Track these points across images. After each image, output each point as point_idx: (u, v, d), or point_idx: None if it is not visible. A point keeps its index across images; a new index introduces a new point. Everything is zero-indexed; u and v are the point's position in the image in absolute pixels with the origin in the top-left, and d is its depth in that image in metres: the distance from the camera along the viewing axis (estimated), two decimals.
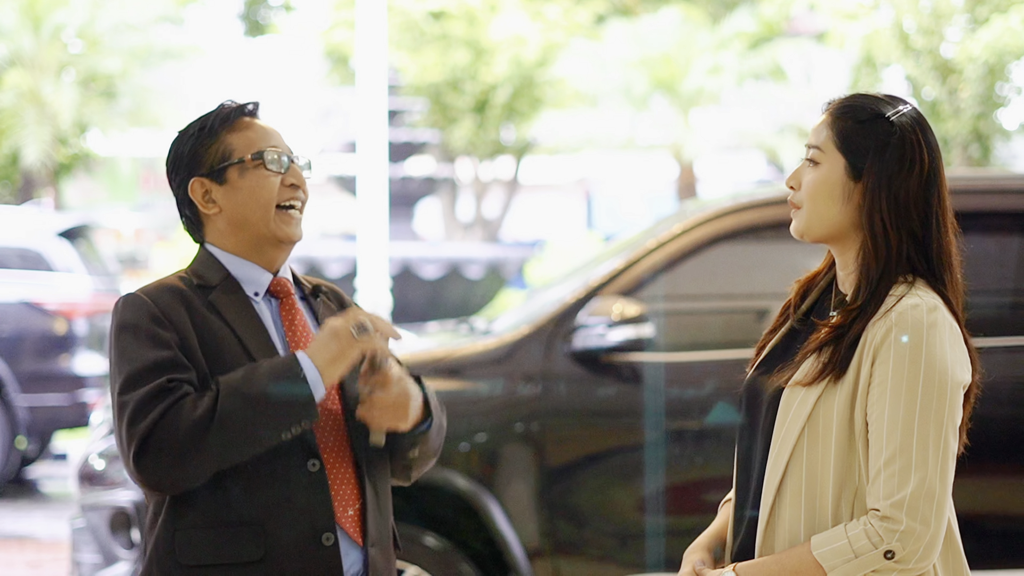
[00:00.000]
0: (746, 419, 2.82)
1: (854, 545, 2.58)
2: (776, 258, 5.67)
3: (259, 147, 2.95)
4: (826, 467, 2.65)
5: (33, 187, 20.29)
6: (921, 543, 2.57)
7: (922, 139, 2.72)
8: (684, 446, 5.46)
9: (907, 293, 2.67)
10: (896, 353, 2.62)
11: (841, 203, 2.72)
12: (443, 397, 5.49)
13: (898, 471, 2.58)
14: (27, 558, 9.13)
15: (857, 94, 2.79)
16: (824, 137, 2.75)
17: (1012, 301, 5.51)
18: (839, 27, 18.50)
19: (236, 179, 2.95)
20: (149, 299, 2.89)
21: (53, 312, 11.62)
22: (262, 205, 2.95)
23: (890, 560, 2.58)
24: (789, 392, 2.70)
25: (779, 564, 2.64)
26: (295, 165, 2.98)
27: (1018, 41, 17.00)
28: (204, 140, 2.96)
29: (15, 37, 20.33)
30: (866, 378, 2.65)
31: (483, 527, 5.40)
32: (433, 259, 16.09)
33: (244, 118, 2.99)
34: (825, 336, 2.69)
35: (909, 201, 2.70)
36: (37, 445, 12.48)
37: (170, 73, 22.59)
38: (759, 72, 23.28)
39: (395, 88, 20.06)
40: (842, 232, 2.74)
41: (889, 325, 2.63)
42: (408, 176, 18.50)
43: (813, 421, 2.66)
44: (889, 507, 2.58)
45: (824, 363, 2.67)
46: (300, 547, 2.85)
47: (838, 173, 2.73)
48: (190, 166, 2.97)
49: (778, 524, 2.68)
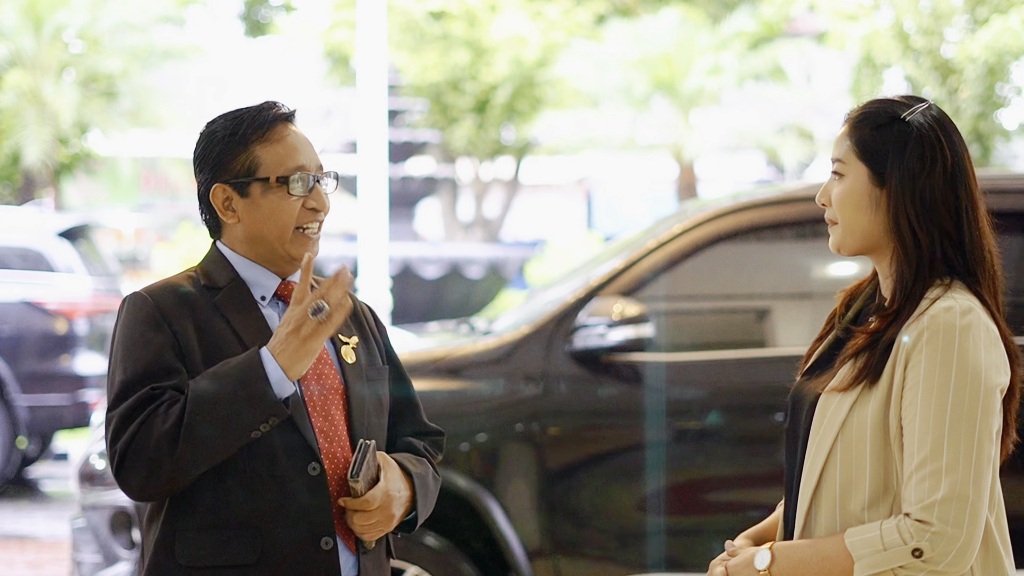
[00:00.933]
0: (791, 425, 2.83)
1: (885, 539, 2.58)
2: (776, 258, 5.67)
3: (286, 167, 2.91)
4: (861, 472, 2.65)
5: (34, 187, 20.29)
6: (953, 547, 2.56)
7: (942, 136, 2.70)
8: (684, 446, 5.46)
9: (942, 296, 2.66)
10: (928, 356, 2.61)
11: (870, 212, 2.71)
12: (443, 397, 5.52)
13: (929, 475, 2.57)
14: (28, 558, 9.14)
15: (873, 100, 2.77)
16: (845, 148, 2.74)
17: (1012, 301, 5.51)
18: (839, 27, 18.50)
19: (258, 196, 2.92)
20: (151, 299, 2.88)
21: (54, 312, 11.62)
22: (280, 226, 2.92)
23: (918, 559, 2.57)
24: (825, 398, 2.70)
25: (813, 548, 2.65)
26: (319, 186, 2.95)
27: (1018, 41, 17.00)
28: (233, 148, 2.92)
29: (16, 37, 20.33)
30: (899, 382, 2.64)
31: (483, 527, 5.40)
32: (433, 259, 16.09)
33: (277, 128, 2.93)
34: (862, 342, 2.69)
35: (936, 199, 2.68)
36: (38, 445, 12.49)
37: (171, 73, 22.59)
38: (759, 72, 23.27)
39: (395, 88, 20.08)
40: (876, 241, 2.73)
41: (921, 328, 2.62)
42: (408, 176, 18.51)
43: (847, 427, 2.66)
44: (920, 511, 2.57)
45: (859, 369, 2.67)
46: (298, 550, 2.84)
47: (862, 182, 2.71)
48: (215, 170, 2.93)
49: (814, 530, 2.70)
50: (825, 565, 2.63)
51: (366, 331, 3.09)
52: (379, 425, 3.02)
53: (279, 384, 2.78)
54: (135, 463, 2.78)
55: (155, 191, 34.39)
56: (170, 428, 2.75)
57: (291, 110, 2.97)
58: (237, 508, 2.83)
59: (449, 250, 17.97)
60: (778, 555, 2.68)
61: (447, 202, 25.96)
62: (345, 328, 3.03)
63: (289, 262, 2.96)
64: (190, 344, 2.85)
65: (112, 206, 32.29)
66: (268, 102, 2.97)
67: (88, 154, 21.67)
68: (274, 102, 2.97)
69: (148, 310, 2.87)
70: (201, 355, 2.86)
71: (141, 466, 2.77)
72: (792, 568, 2.66)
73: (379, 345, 3.11)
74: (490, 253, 17.32)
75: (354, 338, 3.03)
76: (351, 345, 3.01)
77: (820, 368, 2.79)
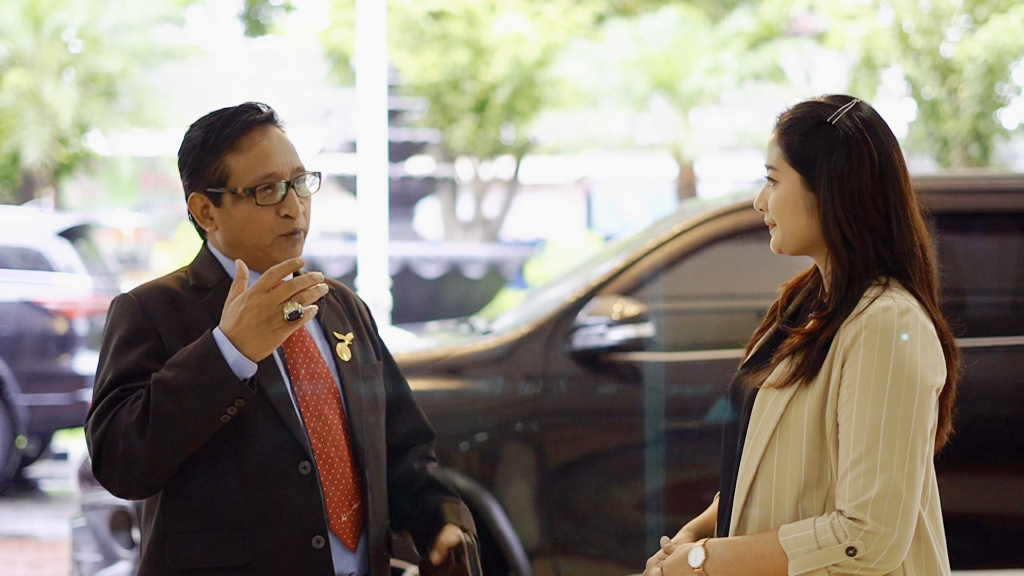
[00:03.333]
0: (731, 417, 2.86)
1: (819, 537, 2.61)
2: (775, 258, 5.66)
3: (254, 176, 2.86)
4: (796, 468, 2.68)
5: (33, 187, 20.29)
6: (885, 545, 2.59)
7: (868, 135, 2.72)
8: (684, 445, 5.46)
9: (880, 295, 2.68)
10: (865, 356, 2.63)
11: (806, 216, 2.74)
12: (443, 396, 5.52)
13: (863, 473, 2.60)
14: (27, 558, 9.14)
15: (800, 104, 2.80)
16: (776, 155, 2.77)
17: (1012, 301, 5.51)
18: (839, 27, 18.51)
19: (230, 206, 2.88)
20: (138, 301, 2.87)
21: (53, 312, 11.62)
22: (256, 235, 2.88)
23: (852, 557, 2.60)
24: (763, 394, 2.73)
25: (746, 545, 2.68)
26: (293, 191, 2.88)
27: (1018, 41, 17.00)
28: (206, 156, 2.88)
29: (15, 37, 20.32)
30: (836, 380, 2.67)
31: (483, 526, 5.40)
32: (433, 259, 16.09)
33: (249, 135, 2.88)
34: (797, 341, 2.72)
35: (865, 199, 2.70)
36: (37, 445, 12.49)
37: (170, 73, 22.60)
38: (759, 72, 23.27)
39: (395, 88, 20.07)
40: (814, 242, 2.76)
41: (859, 328, 2.65)
42: (408, 176, 18.50)
43: (784, 423, 2.69)
44: (854, 508, 2.60)
45: (796, 366, 2.70)
46: (289, 550, 2.82)
47: (795, 188, 2.74)
48: (191, 178, 2.91)
49: (748, 522, 2.72)
50: (759, 563, 2.65)
51: (361, 328, 3.07)
52: (376, 423, 3.00)
53: (238, 365, 2.74)
54: (110, 461, 2.77)
55: (155, 191, 34.39)
56: (136, 420, 2.73)
57: (267, 112, 2.91)
58: (228, 509, 2.82)
59: (449, 250, 17.96)
60: (712, 552, 2.70)
61: (447, 202, 25.95)
62: (340, 324, 3.01)
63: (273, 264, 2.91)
64: (176, 348, 2.82)
65: (112, 206, 32.30)
66: (244, 105, 2.92)
67: (88, 154, 21.67)
68: (251, 105, 2.92)
69: (134, 314, 2.85)
70: None
71: (116, 462, 2.76)
72: (725, 565, 2.68)
73: (374, 341, 3.09)
74: (490, 253, 17.32)
75: (349, 335, 3.01)
76: (346, 342, 2.99)
77: (758, 362, 2.82)
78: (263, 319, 2.73)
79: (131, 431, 2.74)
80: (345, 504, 2.89)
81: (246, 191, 2.86)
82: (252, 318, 2.73)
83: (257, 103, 2.93)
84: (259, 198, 2.86)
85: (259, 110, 2.91)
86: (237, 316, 2.74)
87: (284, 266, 2.76)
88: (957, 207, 5.44)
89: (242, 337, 2.74)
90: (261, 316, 2.73)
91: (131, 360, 2.81)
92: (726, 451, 2.85)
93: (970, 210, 5.47)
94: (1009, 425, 5.34)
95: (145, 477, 2.78)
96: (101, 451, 2.78)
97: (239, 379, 2.74)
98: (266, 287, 2.73)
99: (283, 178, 2.88)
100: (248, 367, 2.76)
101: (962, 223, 5.41)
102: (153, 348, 2.83)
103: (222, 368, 2.73)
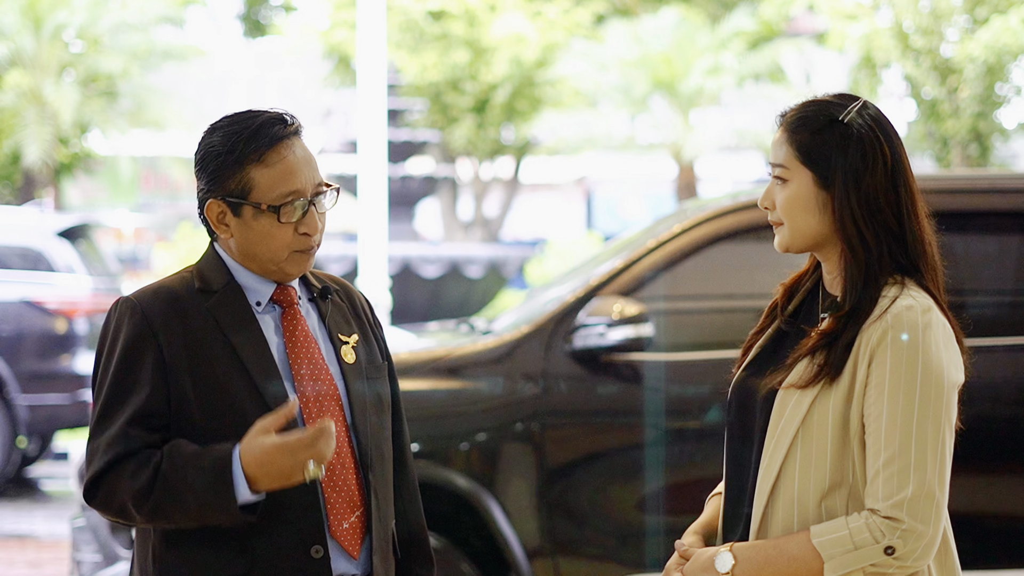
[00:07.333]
0: (737, 420, 2.83)
1: (855, 537, 2.60)
2: (776, 258, 5.66)
3: (279, 192, 2.83)
4: (821, 468, 2.67)
5: (34, 187, 20.30)
6: (921, 542, 2.59)
7: (880, 134, 2.72)
8: (684, 445, 5.46)
9: (900, 294, 2.68)
10: (893, 355, 2.63)
11: (818, 214, 2.73)
12: (443, 396, 5.52)
13: (897, 472, 2.60)
14: (27, 557, 9.14)
15: (807, 102, 2.79)
16: (785, 154, 2.75)
17: (1012, 301, 5.51)
18: (839, 27, 18.52)
19: (250, 218, 2.85)
20: (141, 308, 2.83)
21: (53, 312, 11.62)
22: (272, 249, 2.86)
23: (890, 556, 2.59)
24: (783, 394, 2.70)
25: (777, 548, 2.65)
26: (314, 209, 2.86)
27: (1017, 41, 17.01)
28: (230, 166, 2.84)
29: (16, 37, 20.33)
30: (863, 380, 2.66)
31: (483, 526, 5.40)
32: (433, 259, 16.10)
33: (276, 149, 2.84)
34: (816, 342, 2.70)
35: (879, 198, 2.71)
36: (37, 444, 12.50)
37: (171, 73, 22.61)
38: (759, 72, 23.27)
39: (395, 88, 20.09)
40: (824, 240, 2.76)
41: (885, 327, 2.65)
42: (408, 176, 18.51)
43: (808, 423, 2.68)
44: (890, 508, 2.59)
45: (819, 366, 2.69)
46: (287, 560, 2.80)
47: (808, 186, 2.73)
48: (211, 183, 2.86)
49: (771, 524, 2.70)
50: (792, 566, 2.63)
51: (366, 327, 3.04)
52: (380, 424, 2.97)
53: (243, 492, 2.74)
54: (106, 505, 2.80)
55: (155, 191, 34.41)
56: (138, 490, 2.75)
57: (294, 126, 2.88)
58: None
59: (449, 250, 17.97)
60: (740, 556, 2.67)
61: (447, 202, 25.96)
62: (346, 325, 2.98)
63: (283, 277, 2.91)
64: (177, 356, 2.80)
65: (112, 206, 32.32)
66: (272, 117, 2.87)
67: (88, 154, 21.68)
68: (279, 117, 2.87)
69: (136, 322, 2.82)
70: (188, 365, 2.81)
71: (111, 510, 2.81)
72: (757, 569, 2.65)
73: (378, 340, 3.06)
74: (490, 253, 17.32)
75: (354, 336, 2.98)
76: (351, 344, 2.96)
77: (764, 363, 2.80)
78: (284, 475, 2.74)
79: (133, 497, 2.76)
80: (348, 510, 2.86)
81: (270, 208, 2.84)
82: (275, 472, 2.74)
83: (283, 113, 2.88)
84: (282, 216, 2.84)
85: (286, 122, 2.87)
86: (261, 463, 2.73)
87: (281, 417, 2.75)
88: (957, 207, 5.44)
89: (259, 480, 2.74)
90: (283, 473, 2.73)
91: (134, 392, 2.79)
92: (732, 454, 2.83)
93: (970, 210, 5.47)
94: (1009, 425, 5.34)
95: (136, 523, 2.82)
96: (97, 491, 2.79)
97: (238, 510, 2.74)
98: (294, 452, 2.72)
99: (305, 195, 2.86)
100: (250, 495, 2.76)
101: (962, 223, 5.41)
102: (155, 359, 2.80)
103: (229, 498, 2.73)
